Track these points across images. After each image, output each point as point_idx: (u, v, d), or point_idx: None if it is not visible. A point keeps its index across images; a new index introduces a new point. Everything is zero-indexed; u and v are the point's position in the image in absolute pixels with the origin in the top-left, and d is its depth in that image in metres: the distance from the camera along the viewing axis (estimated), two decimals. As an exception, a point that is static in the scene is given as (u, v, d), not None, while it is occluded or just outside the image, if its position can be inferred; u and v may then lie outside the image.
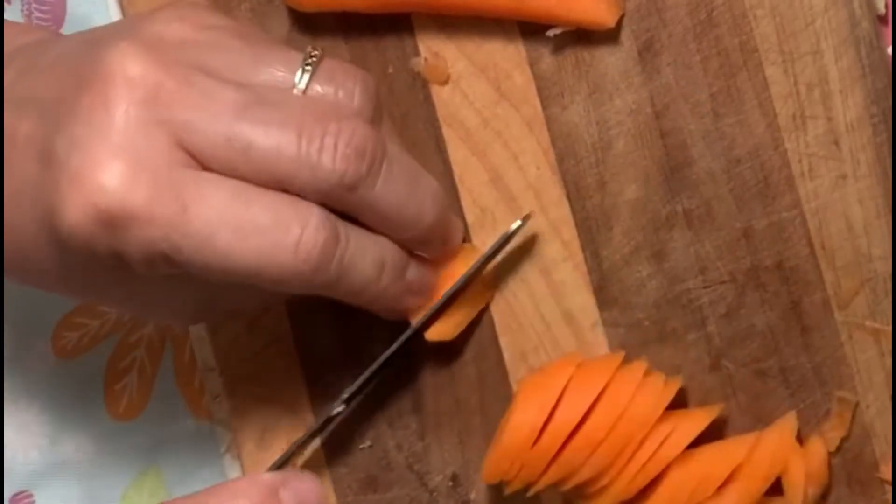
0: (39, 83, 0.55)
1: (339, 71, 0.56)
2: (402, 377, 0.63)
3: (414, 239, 0.58)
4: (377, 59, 0.62)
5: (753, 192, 0.60)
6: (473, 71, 0.62)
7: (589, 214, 0.61)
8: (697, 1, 0.59)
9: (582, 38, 0.60)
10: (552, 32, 0.60)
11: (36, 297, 0.68)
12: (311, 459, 0.64)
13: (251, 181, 0.53)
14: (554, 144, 0.61)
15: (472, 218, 0.62)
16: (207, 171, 0.53)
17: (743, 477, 0.59)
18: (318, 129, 0.53)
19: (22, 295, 0.69)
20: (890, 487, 0.60)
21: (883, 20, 0.59)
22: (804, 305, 0.60)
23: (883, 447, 0.60)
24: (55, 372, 0.70)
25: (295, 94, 0.55)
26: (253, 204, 0.53)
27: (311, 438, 0.62)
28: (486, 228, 0.62)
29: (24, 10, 0.70)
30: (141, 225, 0.52)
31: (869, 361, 0.60)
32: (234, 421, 0.65)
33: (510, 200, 0.62)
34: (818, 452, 0.60)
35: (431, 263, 0.60)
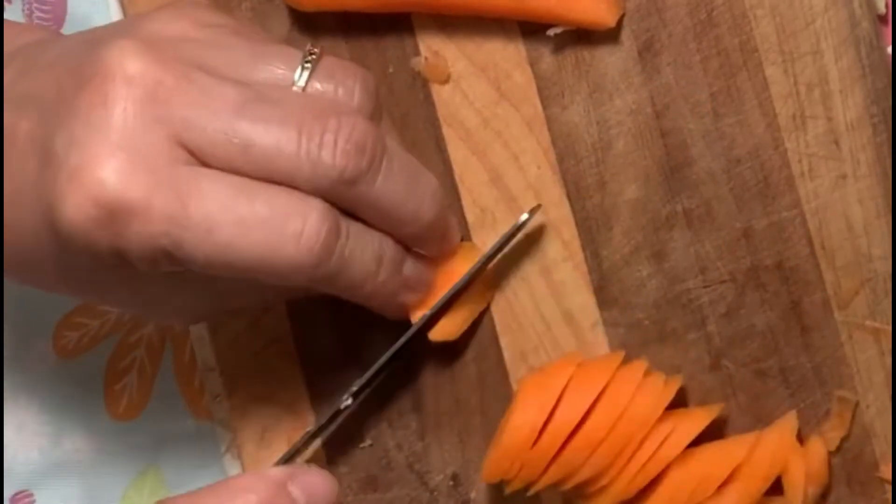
0: (39, 82, 0.55)
1: (338, 68, 0.56)
2: (402, 377, 0.63)
3: (412, 235, 0.58)
4: (377, 58, 0.62)
5: (753, 192, 0.60)
6: (473, 71, 0.62)
7: (589, 214, 0.61)
8: (697, 1, 0.59)
9: (582, 37, 0.60)
10: (552, 32, 0.60)
11: (36, 297, 0.68)
12: (311, 459, 0.63)
13: (251, 178, 0.53)
14: (554, 144, 0.61)
15: (472, 218, 0.62)
16: (207, 168, 0.53)
17: (743, 477, 0.59)
18: (317, 125, 0.53)
19: (22, 295, 0.69)
20: (890, 487, 0.60)
21: (883, 20, 0.59)
22: (804, 305, 0.60)
23: (883, 447, 0.60)
24: (55, 372, 0.70)
25: (294, 91, 0.55)
26: (254, 198, 0.53)
27: (319, 432, 0.62)
28: (486, 228, 0.62)
29: (24, 9, 0.70)
30: (140, 220, 0.52)
31: (869, 361, 0.60)
32: (234, 421, 0.65)
33: (510, 200, 0.62)
34: (818, 452, 0.60)
35: (429, 261, 0.60)
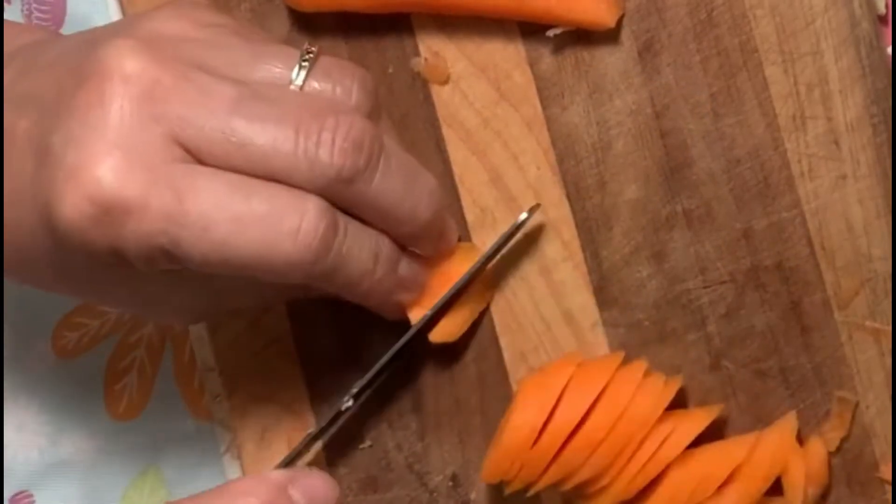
0: (39, 82, 0.55)
1: (335, 68, 0.56)
2: (402, 377, 0.63)
3: (409, 234, 0.58)
4: (377, 59, 0.62)
5: (753, 192, 0.60)
6: (473, 71, 0.62)
7: (589, 214, 0.61)
8: (697, 1, 0.59)
9: (582, 38, 0.60)
10: (552, 32, 0.60)
11: (36, 297, 0.68)
12: (311, 460, 0.63)
13: (248, 176, 0.53)
14: (554, 144, 0.61)
15: (472, 218, 0.62)
16: (204, 166, 0.53)
17: (743, 477, 0.59)
18: (315, 124, 0.53)
19: (22, 295, 0.69)
20: (890, 487, 0.60)
21: (883, 20, 0.59)
22: (804, 305, 0.60)
23: (883, 447, 0.60)
24: (55, 372, 0.70)
25: (292, 90, 0.55)
26: (251, 195, 0.53)
27: (319, 434, 0.62)
28: (486, 228, 0.62)
29: (24, 9, 0.70)
30: (137, 218, 0.52)
31: (869, 361, 0.60)
32: (234, 421, 0.65)
33: (510, 200, 0.62)
34: (818, 452, 0.60)
35: (424, 261, 0.60)
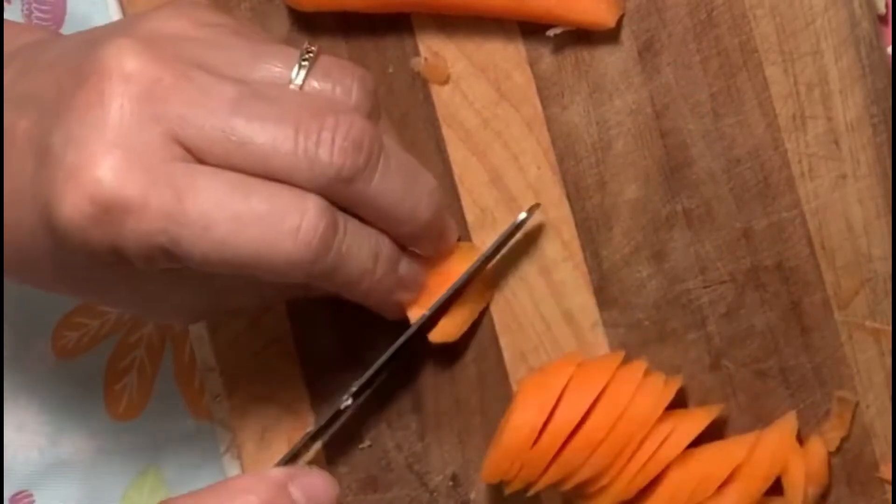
0: (39, 82, 0.55)
1: (335, 67, 0.56)
2: (401, 377, 0.63)
3: (409, 234, 0.58)
4: (377, 58, 0.62)
5: (753, 192, 0.60)
6: (473, 71, 0.62)
7: (589, 214, 0.61)
8: (697, 1, 0.59)
9: (582, 38, 0.60)
10: (552, 32, 0.60)
11: (36, 297, 0.68)
12: (311, 459, 0.63)
13: (248, 175, 0.53)
14: (554, 144, 0.61)
15: (472, 218, 0.62)
16: (204, 165, 0.53)
17: (743, 477, 0.59)
18: (314, 123, 0.53)
19: (22, 295, 0.69)
20: (890, 487, 0.60)
21: (883, 20, 0.59)
22: (804, 305, 0.60)
23: (883, 447, 0.60)
24: (55, 372, 0.70)
25: (292, 89, 0.55)
26: (251, 194, 0.53)
27: (319, 433, 0.62)
28: (485, 229, 0.62)
29: (24, 9, 0.70)
30: (137, 217, 0.52)
31: (869, 361, 0.60)
32: (234, 421, 0.65)
33: (510, 200, 0.62)
34: (818, 452, 0.60)
35: (424, 261, 0.60)
